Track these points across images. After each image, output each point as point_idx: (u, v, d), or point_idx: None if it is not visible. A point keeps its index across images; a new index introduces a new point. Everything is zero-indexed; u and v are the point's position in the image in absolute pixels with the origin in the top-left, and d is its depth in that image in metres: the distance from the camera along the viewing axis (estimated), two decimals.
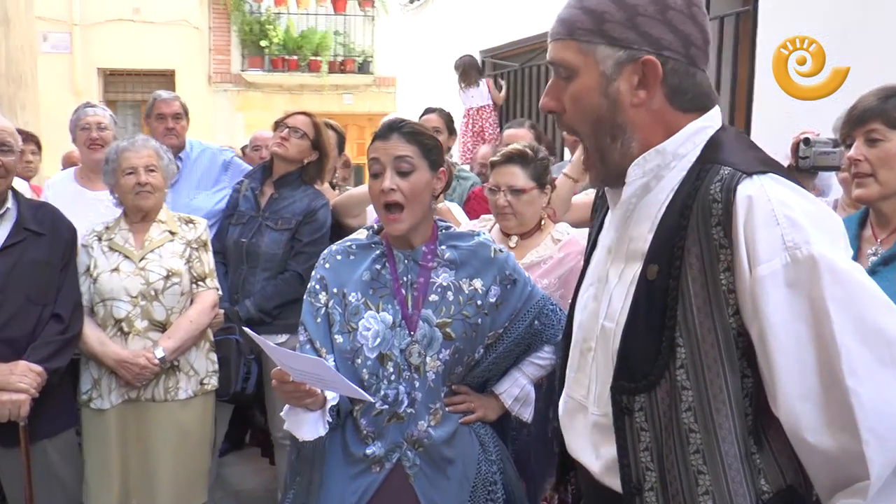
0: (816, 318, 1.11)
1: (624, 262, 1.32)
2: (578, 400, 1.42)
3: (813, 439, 1.12)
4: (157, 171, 2.95)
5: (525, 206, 2.70)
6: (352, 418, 2.01)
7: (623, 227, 1.34)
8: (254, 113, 12.97)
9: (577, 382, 1.43)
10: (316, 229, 3.41)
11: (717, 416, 1.19)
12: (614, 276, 1.33)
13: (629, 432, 1.26)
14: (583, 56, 1.27)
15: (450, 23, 8.51)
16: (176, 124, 3.90)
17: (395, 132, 2.01)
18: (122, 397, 2.86)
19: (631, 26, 1.24)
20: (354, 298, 2.02)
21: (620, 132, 1.28)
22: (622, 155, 1.29)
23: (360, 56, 13.57)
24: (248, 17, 12.97)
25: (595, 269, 1.43)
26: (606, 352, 1.32)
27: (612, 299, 1.32)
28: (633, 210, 1.32)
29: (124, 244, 2.92)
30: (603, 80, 1.26)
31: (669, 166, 1.28)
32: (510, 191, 2.69)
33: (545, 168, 2.75)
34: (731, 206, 1.15)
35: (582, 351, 1.42)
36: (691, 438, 1.20)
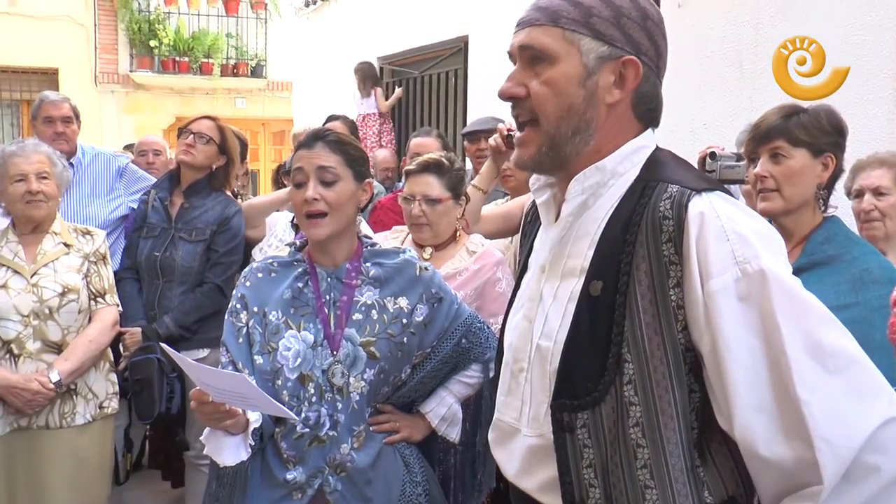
0: (767, 331, 1.13)
1: (559, 279, 1.31)
2: (509, 423, 1.39)
3: (767, 450, 1.14)
4: (49, 179, 2.78)
5: (440, 216, 2.68)
6: (273, 441, 1.93)
7: (559, 245, 1.33)
8: (143, 115, 12.52)
9: (507, 406, 1.41)
10: (231, 238, 3.32)
11: (665, 430, 1.19)
12: (549, 294, 1.32)
13: (571, 449, 1.25)
14: (566, 44, 1.26)
15: (347, 28, 8.43)
16: (66, 128, 3.69)
17: (320, 141, 1.97)
18: (10, 426, 2.67)
19: (616, 25, 1.26)
20: (275, 317, 1.94)
21: (584, 128, 1.28)
22: (574, 150, 1.29)
23: (252, 59, 13.31)
24: (136, 16, 12.49)
25: (527, 290, 1.41)
26: (543, 371, 1.30)
27: (548, 317, 1.31)
28: (569, 227, 1.31)
29: (13, 258, 2.73)
30: (583, 72, 1.26)
31: (608, 184, 1.28)
32: (425, 200, 2.66)
33: (460, 179, 2.74)
34: (683, 223, 1.17)
35: (513, 372, 1.39)
36: (639, 453, 1.20)
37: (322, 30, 9.17)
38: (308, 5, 9.45)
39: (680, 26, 3.76)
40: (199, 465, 3.31)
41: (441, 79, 6.97)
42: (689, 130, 4.05)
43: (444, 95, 6.95)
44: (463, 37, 6.51)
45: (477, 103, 6.15)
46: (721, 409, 1.18)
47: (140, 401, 2.99)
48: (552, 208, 1.38)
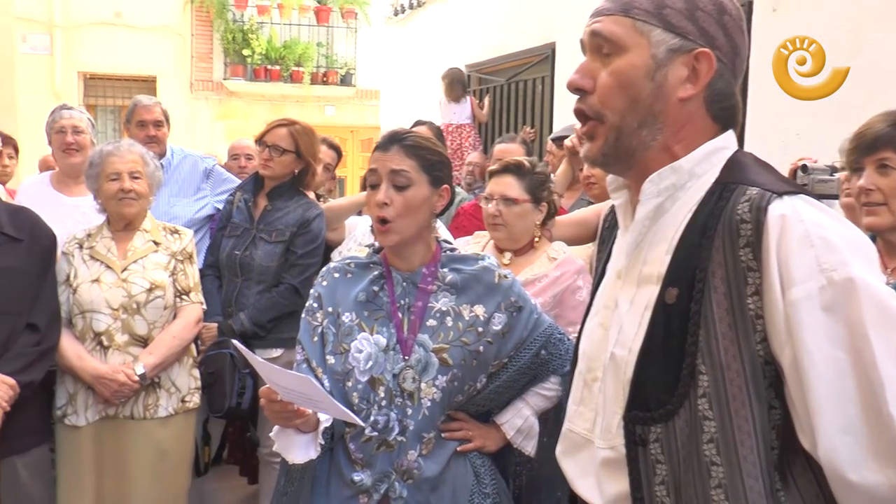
0: (856, 345, 1.05)
1: (636, 286, 1.26)
2: (581, 434, 1.34)
3: (855, 475, 1.05)
4: (141, 178, 2.86)
5: (516, 217, 2.64)
6: (342, 442, 1.93)
7: (635, 251, 1.27)
8: (234, 122, 12.89)
9: (579, 416, 1.36)
10: (310, 240, 3.33)
11: (741, 448, 1.12)
12: (625, 301, 1.27)
13: (643, 465, 1.19)
14: (636, 35, 1.22)
15: (436, 36, 8.48)
16: (157, 131, 3.81)
17: (396, 144, 1.94)
18: (98, 414, 2.75)
19: (690, 17, 1.21)
20: (348, 318, 1.94)
21: (651, 121, 1.23)
22: (641, 144, 1.24)
23: (342, 68, 13.55)
24: (230, 26, 12.91)
25: (602, 297, 1.36)
26: (617, 381, 1.24)
27: (623, 326, 1.25)
28: (646, 232, 1.26)
29: (106, 253, 2.81)
30: (652, 64, 1.21)
31: (685, 186, 1.23)
32: (502, 200, 2.63)
33: (541, 183, 2.70)
34: (763, 227, 1.10)
35: (586, 381, 1.34)
36: (713, 472, 1.13)
37: (410, 38, 9.25)
38: (397, 14, 9.55)
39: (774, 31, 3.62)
40: (272, 462, 3.34)
41: (528, 86, 6.93)
42: (782, 141, 3.90)
43: (530, 103, 6.91)
44: (550, 44, 6.46)
45: (563, 111, 6.08)
46: (804, 429, 1.10)
47: (212, 394, 3.04)
48: (629, 211, 1.33)
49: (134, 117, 3.82)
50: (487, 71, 7.62)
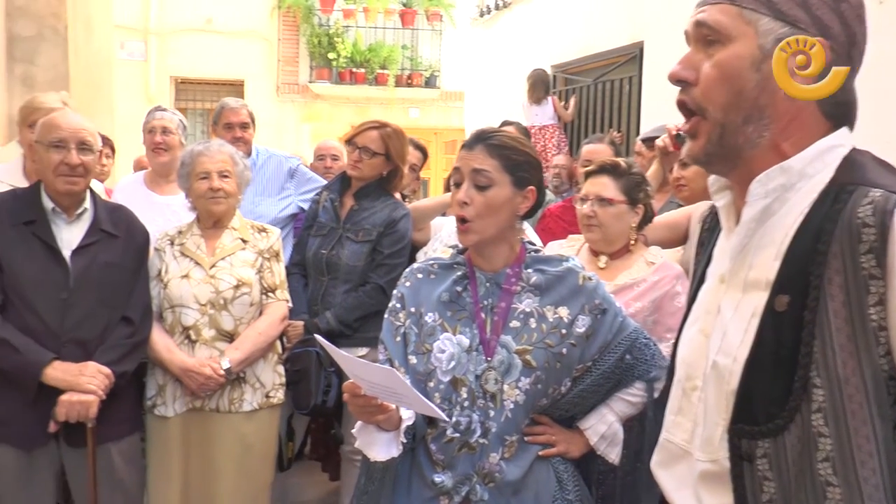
0: None
1: (741, 292, 1.18)
2: (679, 444, 1.28)
3: None
4: (230, 177, 2.92)
5: (611, 218, 2.59)
6: (424, 442, 1.92)
7: (740, 255, 1.20)
8: (320, 124, 13.10)
9: (677, 426, 1.29)
10: (396, 240, 3.34)
11: (861, 469, 1.03)
12: (729, 307, 1.20)
13: (749, 481, 1.12)
14: (742, 23, 1.16)
15: (521, 36, 8.43)
16: (244, 133, 3.88)
17: (481, 143, 1.91)
18: (186, 406, 2.82)
19: (802, 5, 1.14)
20: (431, 319, 1.93)
21: (757, 116, 1.16)
22: (747, 141, 1.17)
23: (427, 70, 13.61)
24: (316, 30, 13.14)
25: (703, 302, 1.29)
26: (720, 391, 1.17)
27: (727, 333, 1.18)
28: (752, 235, 1.18)
29: (196, 250, 2.89)
30: (759, 54, 1.15)
31: (795, 187, 1.15)
32: (597, 200, 2.59)
33: (637, 184, 2.63)
34: (888, 232, 1.02)
35: (685, 390, 1.28)
36: (829, 493, 1.05)
37: (496, 39, 9.23)
38: (483, 15, 9.54)
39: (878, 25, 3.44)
40: (354, 459, 3.36)
41: (614, 86, 6.82)
42: (884, 141, 3.71)
43: (616, 104, 6.80)
44: (638, 43, 6.34)
45: (651, 112, 5.96)
46: None
47: (297, 391, 3.08)
48: (732, 213, 1.26)
49: (221, 119, 3.90)
50: (573, 71, 7.54)
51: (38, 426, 2.53)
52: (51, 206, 2.64)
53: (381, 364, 1.92)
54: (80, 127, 2.65)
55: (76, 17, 5.83)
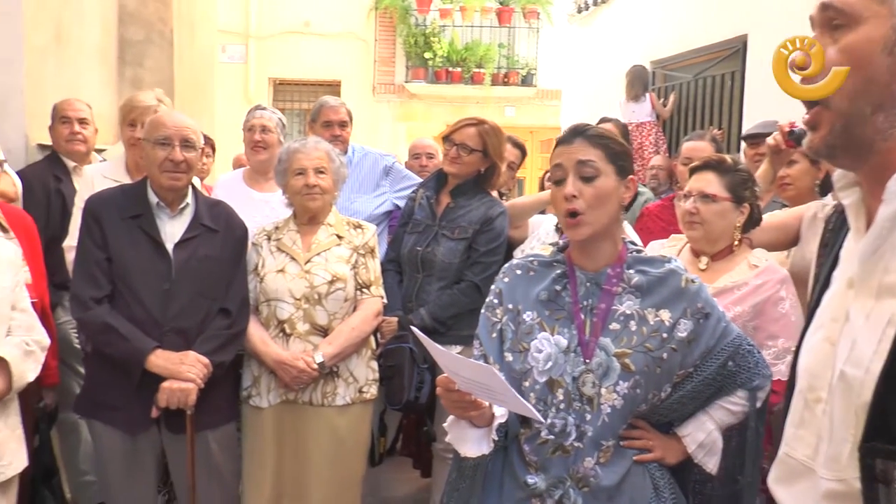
0: None
1: (874, 298, 1.09)
2: (801, 460, 1.19)
3: None
4: (326, 174, 2.95)
5: (714, 216, 2.50)
6: (516, 442, 1.88)
7: (873, 258, 1.10)
8: (415, 124, 13.20)
9: (798, 439, 1.20)
10: (492, 238, 3.32)
11: None
12: (859, 314, 1.10)
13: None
14: (873, 3, 1.08)
15: (620, 32, 8.27)
16: (342, 131, 3.92)
17: (580, 136, 1.87)
18: (280, 398, 2.87)
19: None
20: (529, 317, 1.89)
21: (889, 104, 1.07)
22: (877, 132, 1.08)
23: (523, 68, 13.54)
24: (413, 30, 13.24)
25: (829, 308, 1.20)
26: (848, 404, 1.08)
27: (857, 342, 1.09)
28: (888, 236, 1.08)
29: (292, 245, 2.93)
30: (892, 35, 1.07)
31: None
32: (700, 197, 2.51)
33: (743, 181, 2.53)
34: None
35: (807, 402, 1.18)
36: None
37: (594, 35, 9.09)
38: (581, 11, 9.42)
39: None
40: (446, 457, 3.34)
41: (715, 82, 6.61)
42: None
43: (717, 100, 6.58)
44: (741, 37, 6.12)
45: (754, 108, 5.74)
46: None
47: (390, 386, 3.09)
48: (862, 212, 1.16)
49: (320, 117, 3.95)
50: (673, 67, 7.34)
51: (141, 412, 2.63)
52: (155, 200, 2.73)
53: (475, 359, 1.91)
54: (184, 125, 2.74)
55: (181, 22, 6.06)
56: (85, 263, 2.66)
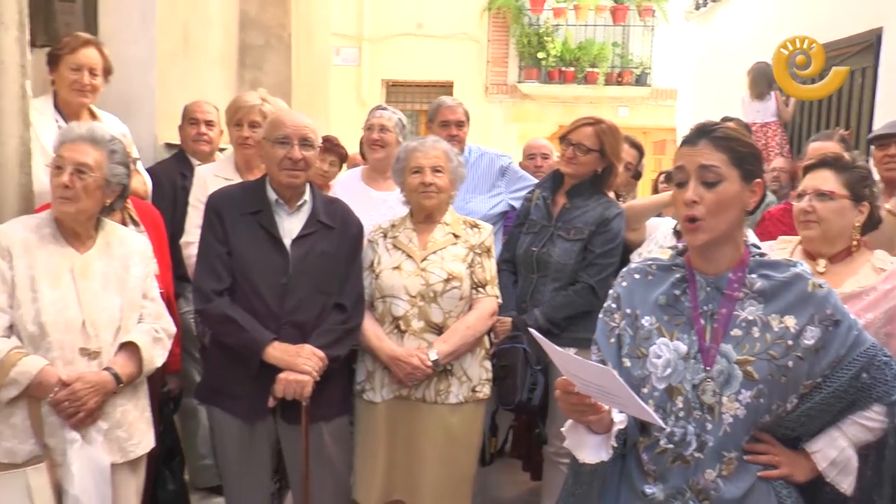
0: None
1: None
2: None
3: None
4: (443, 173, 2.96)
5: (831, 214, 2.38)
6: (634, 450, 1.84)
7: None
8: (527, 124, 13.17)
9: None
10: (609, 240, 3.28)
11: None
12: None
13: None
14: None
15: (740, 28, 7.98)
16: (459, 131, 3.94)
17: (705, 138, 1.80)
18: (393, 393, 2.90)
19: None
20: (647, 322, 1.84)
21: None
22: None
23: (637, 67, 13.29)
24: (526, 30, 13.22)
25: None
26: None
27: None
28: None
29: (408, 243, 2.96)
30: None
31: None
32: (816, 195, 2.39)
33: (862, 179, 2.40)
34: None
35: None
36: None
37: (712, 32, 8.82)
38: (698, 8, 9.15)
39: None
40: (557, 461, 3.33)
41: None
42: None
43: (846, 98, 6.24)
44: (875, 30, 5.78)
45: (888, 106, 5.42)
46: None
47: (503, 387, 3.08)
48: None
49: (437, 117, 3.98)
50: None
51: (258, 401, 2.71)
52: (274, 197, 2.81)
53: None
54: (303, 124, 2.81)
55: (299, 26, 6.24)
56: (207, 257, 2.77)
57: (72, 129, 2.55)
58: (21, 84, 2.78)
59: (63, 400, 2.34)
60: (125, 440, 2.50)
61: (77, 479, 2.33)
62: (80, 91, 3.25)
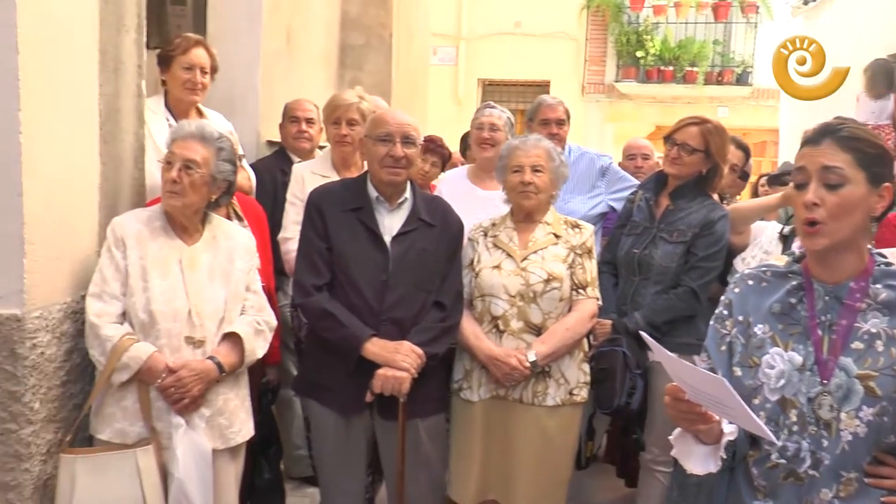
0: None
1: None
2: None
3: None
4: (543, 173, 2.93)
5: None
6: (744, 464, 1.77)
7: None
8: (623, 124, 12.99)
9: None
10: (712, 243, 3.18)
11: None
12: None
13: None
14: None
15: (853, 23, 7.60)
16: (559, 130, 3.89)
17: (829, 137, 1.70)
18: (490, 393, 2.88)
19: None
20: (760, 330, 1.77)
21: None
22: None
23: (738, 66, 12.91)
24: (625, 28, 13.04)
25: None
26: None
27: None
28: None
29: (508, 242, 2.93)
30: None
31: None
32: None
33: None
34: None
35: None
36: None
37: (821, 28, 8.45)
38: (807, 2, 8.80)
39: None
40: (654, 469, 3.25)
41: None
42: None
43: None
44: None
45: None
46: None
47: (602, 390, 3.03)
48: None
49: (538, 116, 3.95)
50: None
51: (356, 395, 2.73)
52: (375, 195, 2.83)
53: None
54: (405, 122, 2.82)
55: (400, 26, 6.30)
56: (307, 252, 2.81)
57: (183, 126, 2.63)
58: (137, 83, 2.90)
59: (170, 386, 2.43)
60: (226, 427, 2.57)
61: (181, 463, 2.40)
62: (192, 90, 3.36)
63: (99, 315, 2.43)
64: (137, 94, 2.91)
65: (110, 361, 2.39)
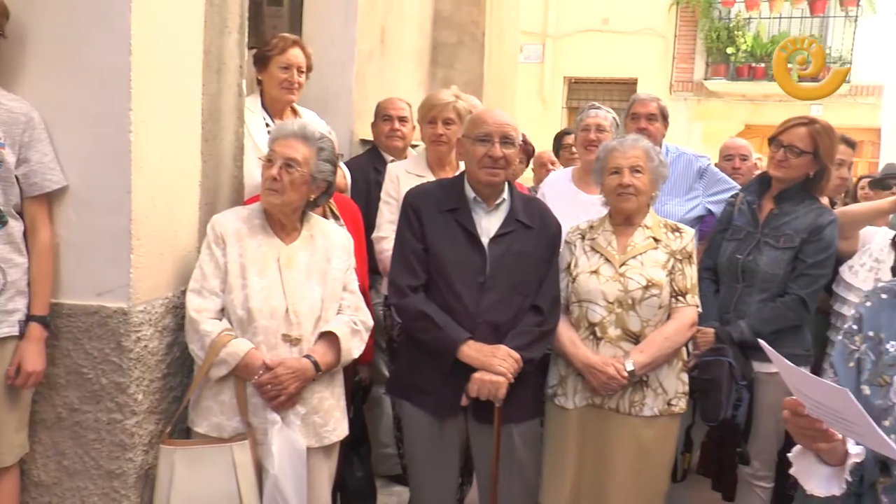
0: None
1: None
2: None
3: None
4: (643, 174, 2.84)
5: None
6: (872, 492, 1.67)
7: None
8: (712, 122, 12.65)
9: None
10: (821, 249, 3.05)
11: None
12: None
13: None
14: None
15: None
16: (649, 125, 3.78)
17: None
18: (585, 400, 2.82)
19: None
20: (893, 348, 1.68)
21: None
22: None
23: (836, 62, 12.40)
24: (715, 24, 12.69)
25: None
26: None
27: None
28: None
29: (606, 246, 2.86)
30: None
31: None
32: None
33: None
34: None
35: None
36: None
37: None
38: None
39: None
40: (754, 484, 3.15)
41: None
42: None
43: None
44: None
45: None
46: None
47: (706, 402, 2.94)
48: None
49: (630, 111, 3.87)
50: None
51: (450, 398, 2.72)
52: (472, 195, 2.80)
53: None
54: (504, 122, 2.77)
55: (492, 24, 6.26)
56: (403, 253, 2.80)
57: (285, 125, 2.66)
58: (238, 83, 2.94)
59: (266, 383, 2.46)
60: (321, 426, 2.59)
61: (276, 460, 2.43)
62: (289, 89, 3.39)
63: (199, 310, 2.48)
64: (238, 93, 2.95)
65: (209, 356, 2.44)
